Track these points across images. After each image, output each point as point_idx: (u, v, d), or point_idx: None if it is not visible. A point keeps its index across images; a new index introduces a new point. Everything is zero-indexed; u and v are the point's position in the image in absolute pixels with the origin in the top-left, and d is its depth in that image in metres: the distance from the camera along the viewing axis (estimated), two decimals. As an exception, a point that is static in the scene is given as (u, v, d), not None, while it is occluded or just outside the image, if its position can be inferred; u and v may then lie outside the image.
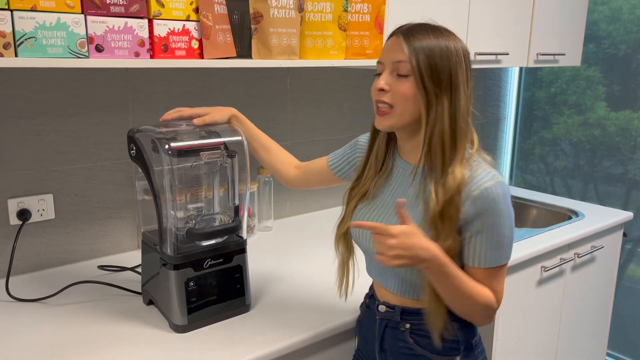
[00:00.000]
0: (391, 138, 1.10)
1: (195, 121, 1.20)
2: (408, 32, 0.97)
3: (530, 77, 2.78)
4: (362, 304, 1.21)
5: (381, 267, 1.09)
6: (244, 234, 1.27)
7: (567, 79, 2.65)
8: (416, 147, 1.02)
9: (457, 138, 0.97)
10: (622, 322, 2.55)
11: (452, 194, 0.95)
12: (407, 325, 1.07)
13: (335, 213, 1.15)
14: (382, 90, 0.98)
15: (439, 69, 0.94)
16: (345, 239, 1.14)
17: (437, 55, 0.94)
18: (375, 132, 1.11)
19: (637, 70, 2.40)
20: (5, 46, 0.99)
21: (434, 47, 0.95)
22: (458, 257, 0.99)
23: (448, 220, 0.95)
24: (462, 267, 1.00)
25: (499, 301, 1.02)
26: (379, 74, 1.01)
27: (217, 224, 1.22)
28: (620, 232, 2.16)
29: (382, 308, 1.10)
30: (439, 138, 0.96)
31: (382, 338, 1.10)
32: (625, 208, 2.44)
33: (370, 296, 1.16)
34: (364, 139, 1.19)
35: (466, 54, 0.99)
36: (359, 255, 1.16)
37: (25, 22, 1.00)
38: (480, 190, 0.94)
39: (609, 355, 2.59)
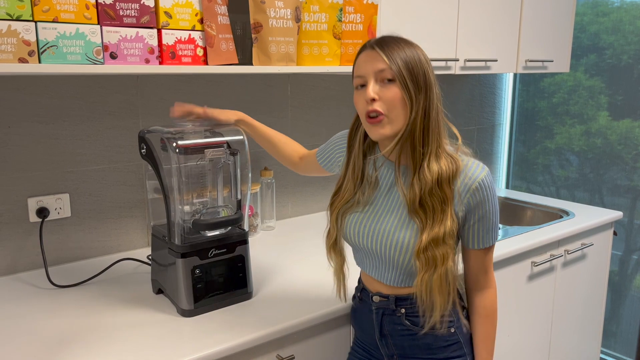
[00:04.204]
0: (367, 149, 1.17)
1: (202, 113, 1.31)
2: (381, 43, 1.05)
3: (533, 87, 2.84)
4: (354, 296, 1.29)
5: (377, 262, 1.16)
6: (246, 227, 1.37)
7: (568, 89, 2.69)
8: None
9: (429, 134, 1.05)
10: (632, 329, 2.60)
11: (432, 186, 1.05)
12: (403, 311, 1.16)
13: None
14: (373, 100, 1.03)
15: (415, 71, 1.03)
16: (335, 247, 1.21)
17: (411, 60, 1.03)
18: (351, 145, 1.18)
19: (639, 80, 2.44)
20: (30, 54, 1.10)
21: (407, 53, 1.04)
22: (455, 238, 1.10)
23: (431, 211, 1.06)
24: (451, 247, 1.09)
25: (494, 285, 1.18)
26: (362, 86, 1.07)
27: (220, 216, 1.32)
28: (611, 231, 2.23)
29: (376, 299, 1.18)
30: (411, 134, 1.05)
31: (381, 325, 1.19)
32: (631, 218, 2.51)
33: (362, 289, 1.24)
34: (340, 137, 1.26)
35: (428, 59, 1.08)
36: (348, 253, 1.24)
37: (48, 32, 1.11)
38: (478, 182, 1.07)
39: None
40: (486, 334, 1.17)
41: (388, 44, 1.05)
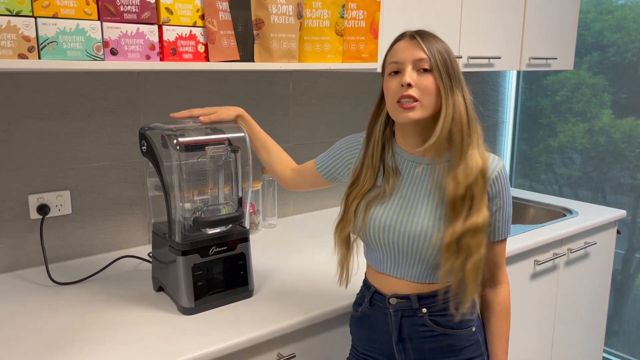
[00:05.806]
0: (385, 137, 1.17)
1: (202, 118, 1.29)
2: (420, 34, 1.09)
3: (536, 85, 2.82)
4: (361, 304, 1.22)
5: (400, 258, 1.13)
6: (247, 224, 1.36)
7: (572, 87, 2.67)
8: (426, 139, 1.09)
9: (473, 124, 1.09)
10: (635, 328, 2.59)
11: (476, 176, 1.06)
12: (424, 310, 1.13)
13: (336, 212, 1.21)
14: (409, 85, 1.06)
15: (449, 66, 1.07)
16: (348, 239, 1.19)
17: (447, 54, 1.08)
18: (371, 133, 1.17)
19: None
20: (30, 49, 1.10)
21: (442, 47, 1.09)
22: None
23: (470, 200, 1.06)
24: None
25: (507, 281, 1.19)
26: (396, 72, 1.09)
27: (221, 213, 1.32)
28: (614, 230, 2.22)
29: (393, 300, 1.14)
30: (459, 127, 1.07)
31: (400, 328, 1.14)
32: (634, 216, 2.49)
33: (374, 293, 1.19)
34: (348, 142, 1.25)
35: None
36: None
37: (48, 28, 1.10)
38: (497, 173, 1.10)
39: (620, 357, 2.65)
40: (501, 331, 1.16)
41: (427, 36, 1.09)
